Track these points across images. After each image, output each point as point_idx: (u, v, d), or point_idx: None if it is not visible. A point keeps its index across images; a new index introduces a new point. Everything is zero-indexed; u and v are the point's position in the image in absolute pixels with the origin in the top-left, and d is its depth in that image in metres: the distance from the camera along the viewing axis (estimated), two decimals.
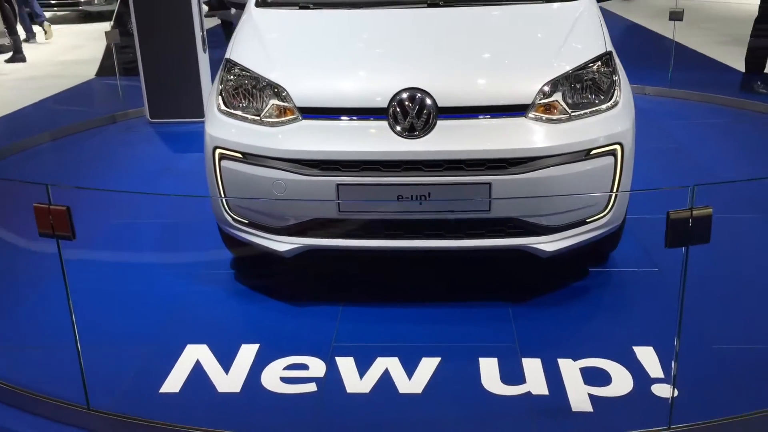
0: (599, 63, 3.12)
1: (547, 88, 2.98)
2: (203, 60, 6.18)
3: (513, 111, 2.96)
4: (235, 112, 3.13)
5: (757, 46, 6.71)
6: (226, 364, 2.82)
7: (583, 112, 3.01)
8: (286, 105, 3.03)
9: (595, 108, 3.04)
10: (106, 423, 2.46)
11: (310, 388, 2.67)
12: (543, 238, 3.03)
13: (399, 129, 2.91)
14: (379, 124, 2.94)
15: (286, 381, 2.71)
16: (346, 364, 2.79)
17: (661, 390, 2.60)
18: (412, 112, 2.90)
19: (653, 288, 3.33)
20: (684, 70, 7.28)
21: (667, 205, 2.20)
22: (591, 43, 3.22)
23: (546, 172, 2.90)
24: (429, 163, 2.89)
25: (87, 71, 8.52)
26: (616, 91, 3.12)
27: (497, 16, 3.50)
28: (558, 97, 2.99)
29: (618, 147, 3.02)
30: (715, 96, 6.56)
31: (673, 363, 2.35)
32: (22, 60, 9.70)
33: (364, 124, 2.96)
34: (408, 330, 3.03)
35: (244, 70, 3.17)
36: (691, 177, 4.57)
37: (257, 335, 3.02)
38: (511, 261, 3.50)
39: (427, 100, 2.91)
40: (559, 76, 3.01)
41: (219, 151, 3.11)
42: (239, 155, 3.05)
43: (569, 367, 2.74)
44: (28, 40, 11.01)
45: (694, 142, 5.45)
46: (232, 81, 3.20)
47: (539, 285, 3.35)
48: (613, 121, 3.04)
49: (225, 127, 3.13)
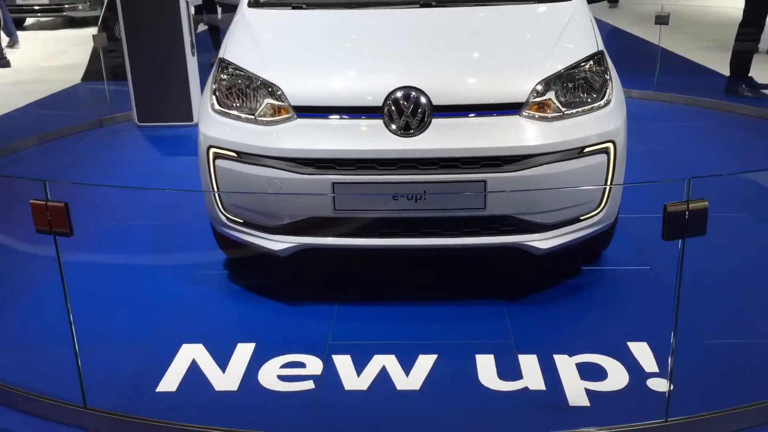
0: (591, 62, 3.15)
1: (540, 87, 3.00)
2: (192, 63, 6.14)
3: (507, 109, 2.97)
4: (230, 111, 3.13)
5: (741, 50, 6.78)
6: (222, 363, 2.81)
7: (576, 110, 3.04)
8: (281, 104, 3.03)
9: (588, 106, 3.06)
10: (103, 422, 2.44)
11: (308, 385, 2.67)
12: (537, 235, 3.05)
13: (394, 127, 2.92)
14: (374, 122, 2.94)
15: (283, 379, 2.71)
16: (343, 362, 2.79)
17: (656, 384, 2.62)
18: (407, 111, 2.91)
19: (645, 285, 3.35)
20: (670, 74, 7.35)
21: (656, 205, 2.22)
22: (583, 42, 3.25)
23: (540, 169, 2.91)
24: (424, 161, 2.90)
25: (72, 76, 8.46)
26: (608, 89, 3.15)
27: (490, 16, 3.52)
28: (551, 95, 3.01)
29: (611, 145, 3.05)
30: (701, 99, 6.62)
31: (669, 358, 2.37)
32: (6, 65, 9.63)
33: (359, 122, 2.96)
34: (404, 328, 3.03)
35: (239, 69, 3.17)
36: (681, 177, 4.59)
37: (253, 334, 3.01)
38: (505, 259, 3.51)
39: (422, 99, 2.92)
40: (552, 75, 3.03)
41: (213, 150, 3.10)
42: (234, 154, 3.05)
43: (565, 363, 2.75)
44: (12, 45, 10.93)
45: (682, 143, 5.51)
46: (226, 80, 3.19)
47: (533, 283, 3.36)
48: (606, 119, 3.07)
49: (219, 126, 3.12)
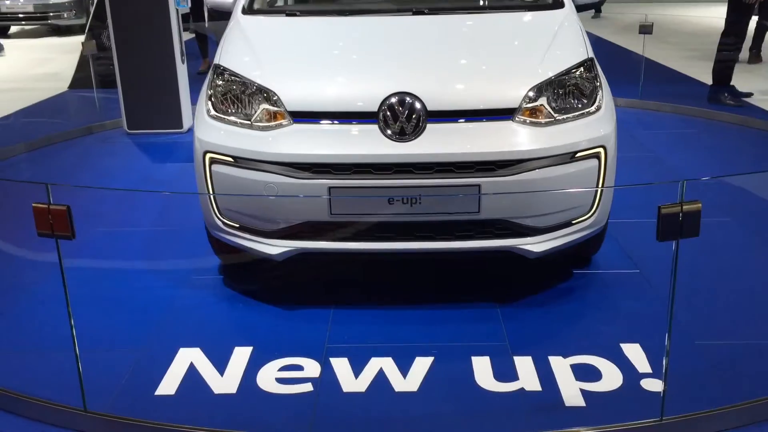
0: (582, 69, 3.21)
1: (532, 93, 3.05)
2: (182, 71, 6.17)
3: (500, 115, 3.02)
4: (226, 116, 3.15)
5: (723, 60, 6.90)
6: (220, 367, 2.82)
7: (568, 116, 3.09)
8: (277, 109, 3.05)
9: (579, 112, 3.12)
10: (104, 425, 2.45)
11: (306, 388, 2.69)
12: (530, 239, 3.09)
13: (389, 132, 2.96)
14: (370, 127, 2.98)
15: (281, 381, 2.73)
16: (341, 365, 2.81)
17: (650, 384, 2.67)
18: (402, 116, 2.95)
19: (635, 288, 3.41)
20: (654, 83, 7.46)
21: (642, 210, 2.26)
22: (573, 50, 3.31)
23: (533, 174, 2.96)
24: (419, 165, 2.93)
25: (59, 84, 8.44)
26: (599, 95, 3.20)
27: (483, 24, 3.58)
28: (543, 101, 3.06)
29: (602, 150, 3.10)
30: (685, 107, 6.74)
31: (664, 359, 2.42)
32: None
33: (355, 127, 3.00)
34: (400, 331, 3.06)
35: (234, 75, 3.20)
36: (666, 182, 4.67)
37: (249, 338, 3.03)
38: (498, 263, 3.55)
39: (417, 104, 2.96)
40: (544, 82, 3.08)
41: (210, 155, 3.12)
42: (230, 159, 3.07)
43: (560, 364, 2.79)
44: None
45: (668, 150, 5.59)
46: (222, 86, 3.22)
47: (526, 287, 3.41)
48: (597, 125, 3.12)
49: (215, 131, 3.14)
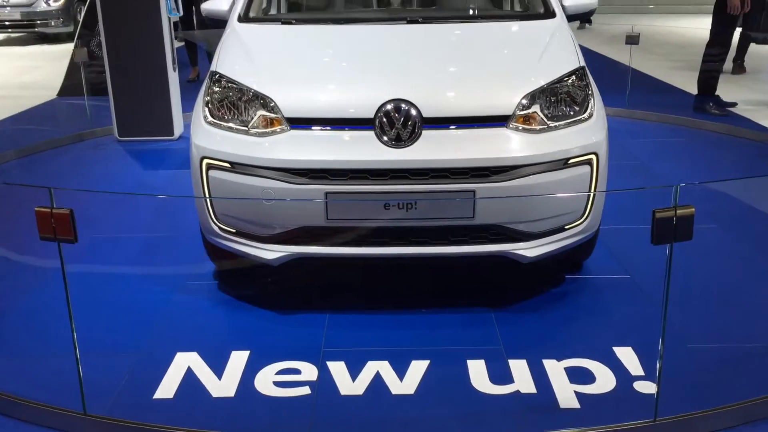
0: (574, 77, 3.26)
1: (525, 101, 3.10)
2: (173, 78, 6.18)
3: (494, 122, 3.07)
4: (222, 123, 3.18)
5: (708, 70, 7.00)
6: (218, 371, 2.84)
7: (560, 123, 3.14)
8: (274, 116, 3.09)
9: (572, 119, 3.17)
10: (103, 428, 2.45)
11: (304, 391, 2.71)
12: (524, 244, 3.13)
13: (386, 139, 2.99)
14: (366, 134, 3.02)
15: (279, 385, 2.75)
16: (338, 368, 2.83)
17: (643, 386, 2.71)
18: (398, 123, 2.99)
19: (627, 293, 3.46)
20: (640, 93, 7.55)
21: (631, 216, 2.30)
22: (565, 58, 3.37)
23: (527, 180, 3.01)
24: (415, 171, 2.97)
25: (48, 92, 8.42)
26: (590, 103, 3.26)
27: (477, 32, 3.64)
28: (536, 108, 3.11)
29: (594, 156, 3.15)
30: (671, 116, 6.82)
31: (657, 362, 2.46)
32: None
33: (351, 134, 3.03)
34: (395, 335, 3.09)
35: (231, 81, 3.23)
36: (657, 191, 4.72)
37: (246, 342, 3.05)
38: (492, 268, 3.60)
39: (413, 111, 3.00)
40: (537, 89, 3.14)
41: (206, 161, 3.15)
42: (227, 165, 3.10)
43: (554, 367, 2.83)
44: None
45: (655, 159, 5.66)
46: (219, 93, 3.24)
47: (519, 292, 3.45)
48: (589, 132, 3.18)
49: (212, 137, 3.17)
